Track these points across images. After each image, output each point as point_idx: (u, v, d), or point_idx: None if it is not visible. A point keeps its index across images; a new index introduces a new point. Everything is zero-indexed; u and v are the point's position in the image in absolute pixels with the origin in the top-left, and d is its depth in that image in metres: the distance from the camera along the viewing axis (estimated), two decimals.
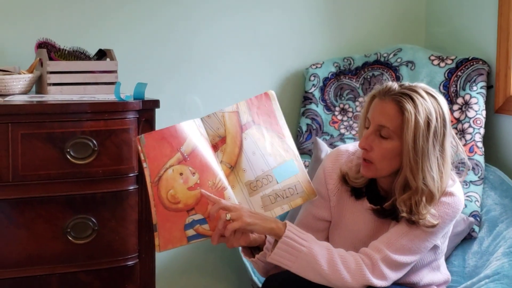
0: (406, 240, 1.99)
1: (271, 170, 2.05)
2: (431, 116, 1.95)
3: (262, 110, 2.11)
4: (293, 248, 1.93)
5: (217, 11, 2.98)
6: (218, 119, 2.04)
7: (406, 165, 1.96)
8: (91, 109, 2.27)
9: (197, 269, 3.09)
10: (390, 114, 1.96)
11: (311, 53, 3.12)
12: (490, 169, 2.76)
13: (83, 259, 2.30)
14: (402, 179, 1.98)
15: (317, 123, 3.00)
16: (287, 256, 1.94)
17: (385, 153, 1.97)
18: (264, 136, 2.08)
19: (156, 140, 1.94)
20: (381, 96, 1.99)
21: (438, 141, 1.97)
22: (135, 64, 2.83)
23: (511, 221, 2.55)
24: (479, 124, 2.78)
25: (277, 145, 2.08)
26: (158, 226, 1.91)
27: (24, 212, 2.23)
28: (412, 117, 1.93)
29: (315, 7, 3.12)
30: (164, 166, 1.93)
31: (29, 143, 2.20)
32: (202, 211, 1.95)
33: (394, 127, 1.96)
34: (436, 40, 3.20)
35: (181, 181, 1.94)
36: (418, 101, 1.95)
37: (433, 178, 1.96)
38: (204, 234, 1.95)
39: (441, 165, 1.98)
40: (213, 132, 2.03)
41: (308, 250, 1.93)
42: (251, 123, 2.07)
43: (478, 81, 2.84)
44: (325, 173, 2.13)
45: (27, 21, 2.73)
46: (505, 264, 2.36)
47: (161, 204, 1.92)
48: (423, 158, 1.95)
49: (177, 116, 2.94)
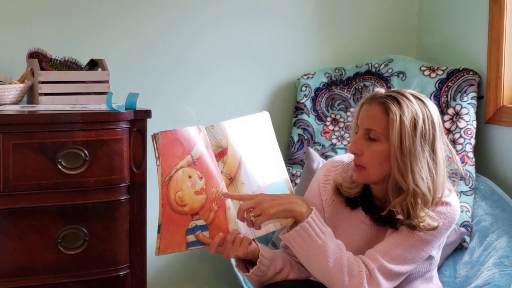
0: (402, 250, 1.99)
1: (266, 188, 2.06)
2: (417, 117, 1.96)
3: (257, 128, 2.12)
4: (309, 236, 1.94)
5: (210, 21, 2.98)
6: (221, 130, 2.05)
7: (394, 165, 1.96)
8: (82, 119, 2.27)
9: (189, 280, 3.08)
10: (376, 116, 1.98)
11: (303, 64, 3.13)
12: (481, 179, 2.77)
13: (74, 269, 2.29)
14: (393, 181, 1.99)
15: (308, 133, 3.00)
16: (301, 242, 1.95)
17: (375, 156, 1.98)
18: (260, 153, 2.09)
19: (170, 140, 1.94)
20: (368, 101, 2.02)
21: (427, 142, 1.97)
22: (127, 74, 2.83)
23: (502, 231, 2.56)
24: (470, 135, 2.79)
25: (270, 165, 2.10)
26: (162, 227, 1.91)
27: (15, 222, 2.22)
28: (397, 118, 1.94)
29: (308, 18, 3.13)
30: (175, 166, 1.94)
31: (20, 153, 2.20)
32: (205, 217, 1.95)
33: (381, 128, 1.97)
34: (428, 51, 3.21)
35: (189, 184, 1.94)
36: (403, 102, 1.96)
37: (423, 179, 1.96)
38: (203, 241, 1.96)
39: (432, 168, 1.98)
40: (216, 142, 2.03)
41: (322, 243, 1.94)
42: (249, 140, 2.08)
43: (468, 91, 2.85)
44: (319, 184, 2.14)
45: (19, 31, 2.72)
46: (495, 275, 2.37)
47: (168, 204, 1.92)
48: (411, 159, 1.95)
49: (169, 126, 2.91)
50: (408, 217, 1.97)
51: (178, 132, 1.96)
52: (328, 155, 2.91)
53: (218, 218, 1.97)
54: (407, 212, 1.97)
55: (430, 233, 2.00)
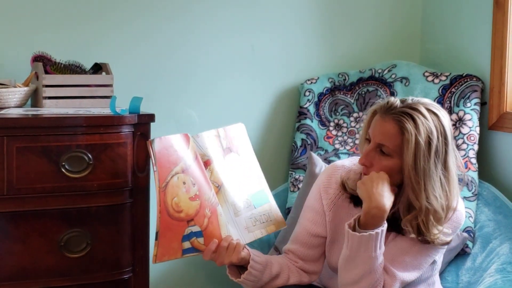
0: (409, 257, 2.00)
1: (249, 196, 2.11)
2: (432, 135, 1.94)
3: (236, 139, 2.17)
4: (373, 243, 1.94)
5: (214, 27, 2.99)
6: (205, 139, 2.08)
7: (407, 185, 1.95)
8: (86, 123, 2.27)
9: (192, 283, 3.08)
10: (390, 133, 1.95)
11: (306, 69, 3.13)
12: (483, 185, 2.77)
13: (77, 273, 2.30)
14: (405, 199, 1.97)
15: (311, 138, 3.01)
16: (363, 245, 1.94)
17: (385, 169, 1.97)
18: (240, 163, 2.14)
19: (165, 146, 1.96)
20: (382, 114, 1.98)
21: (440, 160, 1.95)
22: (131, 78, 2.84)
23: (505, 237, 2.56)
24: (473, 141, 2.79)
25: (250, 174, 2.15)
26: (160, 234, 1.91)
27: (18, 225, 2.23)
28: (413, 138, 1.92)
29: (311, 23, 3.14)
30: (170, 172, 1.94)
31: (24, 156, 2.20)
32: (200, 223, 1.96)
33: (394, 146, 1.95)
34: (431, 57, 3.21)
35: (184, 190, 1.95)
36: (419, 120, 1.93)
37: (437, 198, 1.94)
38: (198, 248, 1.97)
39: (445, 184, 1.97)
40: (202, 151, 2.06)
41: (376, 256, 1.95)
42: (230, 150, 2.13)
43: (472, 97, 2.85)
44: (320, 189, 2.14)
45: (23, 35, 2.73)
46: (498, 281, 2.37)
47: (166, 211, 1.92)
48: (425, 178, 1.93)
49: (172, 130, 2.92)
50: (420, 233, 1.96)
51: (172, 139, 1.98)
52: (331, 160, 2.91)
53: (211, 224, 1.98)
54: (417, 230, 1.97)
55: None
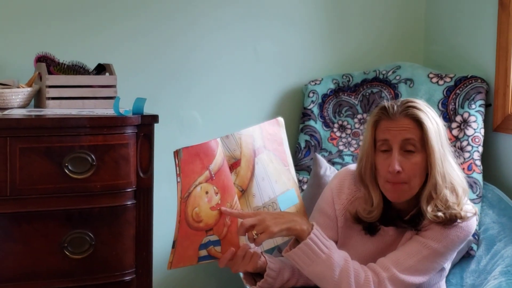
0: (414, 261, 1.98)
1: (276, 198, 2.04)
2: (438, 122, 2.02)
3: (272, 136, 2.09)
4: (313, 252, 1.93)
5: (217, 27, 2.99)
6: (235, 140, 2.00)
7: (437, 173, 1.99)
8: (89, 123, 2.27)
9: (194, 286, 3.07)
10: (410, 127, 1.99)
11: (310, 70, 3.13)
12: (488, 187, 2.76)
13: (80, 274, 2.29)
14: (428, 190, 2.00)
15: (315, 140, 3.00)
16: (305, 258, 1.94)
17: (415, 168, 1.98)
18: (273, 162, 2.06)
19: (191, 156, 1.89)
20: (390, 116, 2.00)
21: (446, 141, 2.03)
22: (134, 79, 2.84)
23: (509, 239, 2.55)
24: (478, 142, 2.78)
25: (282, 173, 2.08)
26: (177, 243, 1.88)
27: (21, 226, 2.22)
28: (430, 125, 1.98)
29: (315, 24, 3.13)
30: (194, 182, 1.89)
31: (27, 157, 2.20)
32: (219, 232, 1.92)
33: (418, 138, 1.98)
34: (435, 58, 3.20)
35: (205, 200, 1.90)
36: (425, 110, 2.01)
37: (458, 174, 2.03)
38: (215, 256, 1.93)
39: (454, 159, 2.05)
40: (230, 153, 1.99)
41: (327, 257, 1.94)
42: (263, 148, 2.05)
43: (476, 99, 2.84)
44: (332, 194, 2.13)
45: (27, 35, 2.73)
46: (502, 283, 2.36)
47: (185, 221, 1.88)
48: (445, 162, 2.00)
49: (176, 131, 2.94)
50: (446, 219, 1.98)
51: (198, 147, 1.91)
52: (335, 162, 2.90)
53: (230, 233, 1.95)
54: (444, 216, 1.98)
55: (444, 246, 2.00)
